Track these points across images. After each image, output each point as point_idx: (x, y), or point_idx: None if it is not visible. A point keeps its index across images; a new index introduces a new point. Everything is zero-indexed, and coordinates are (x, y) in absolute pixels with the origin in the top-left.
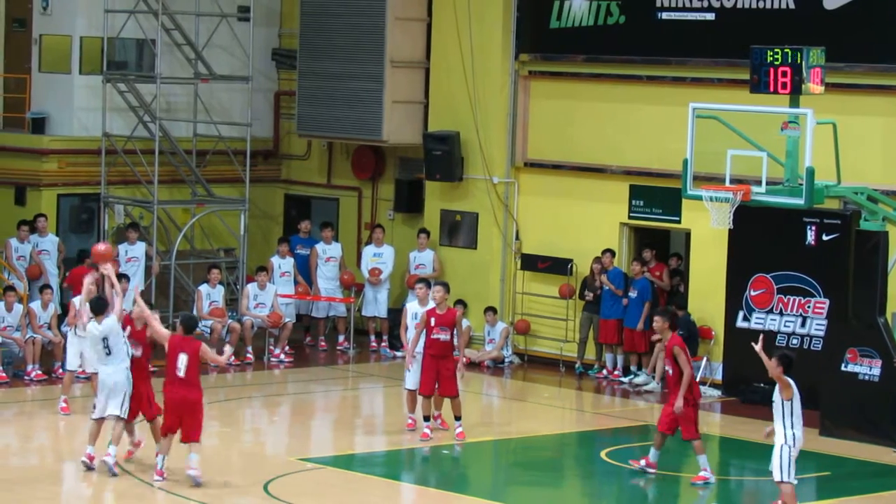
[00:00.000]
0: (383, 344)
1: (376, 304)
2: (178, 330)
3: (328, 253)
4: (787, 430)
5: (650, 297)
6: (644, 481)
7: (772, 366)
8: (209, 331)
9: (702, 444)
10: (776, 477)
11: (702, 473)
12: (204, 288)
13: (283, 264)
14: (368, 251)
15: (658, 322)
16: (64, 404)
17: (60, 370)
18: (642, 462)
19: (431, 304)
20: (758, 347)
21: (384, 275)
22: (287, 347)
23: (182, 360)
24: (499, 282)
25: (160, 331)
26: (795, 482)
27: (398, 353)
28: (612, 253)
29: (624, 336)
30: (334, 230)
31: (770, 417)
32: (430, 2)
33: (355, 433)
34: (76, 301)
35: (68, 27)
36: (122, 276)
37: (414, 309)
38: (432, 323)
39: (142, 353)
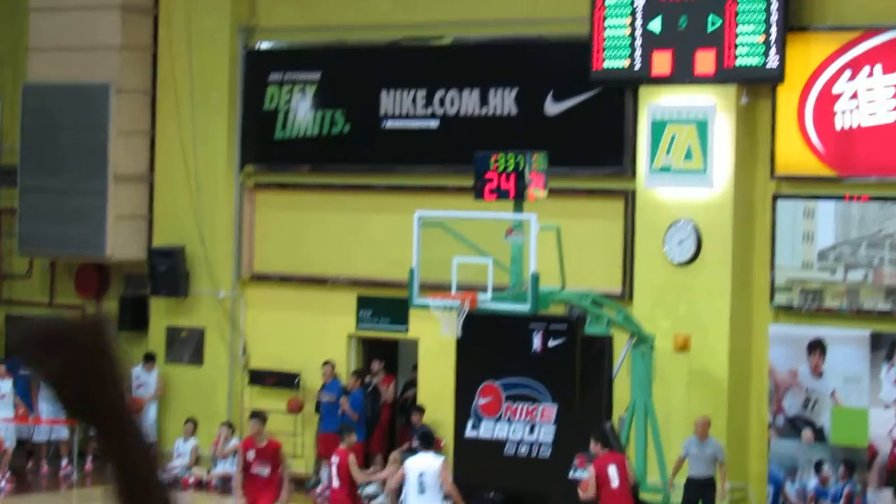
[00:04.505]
0: None
1: None
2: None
3: None
4: None
5: (360, 409)
6: None
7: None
8: None
9: None
10: None
11: None
12: None
13: (1, 386)
14: None
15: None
16: None
17: None
18: None
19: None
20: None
21: None
22: (7, 474)
23: (613, 471)
24: (226, 399)
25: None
26: None
27: None
28: (331, 365)
29: None
30: None
31: None
32: (154, 114)
33: None
34: None
35: None
36: None
37: None
38: (251, 457)
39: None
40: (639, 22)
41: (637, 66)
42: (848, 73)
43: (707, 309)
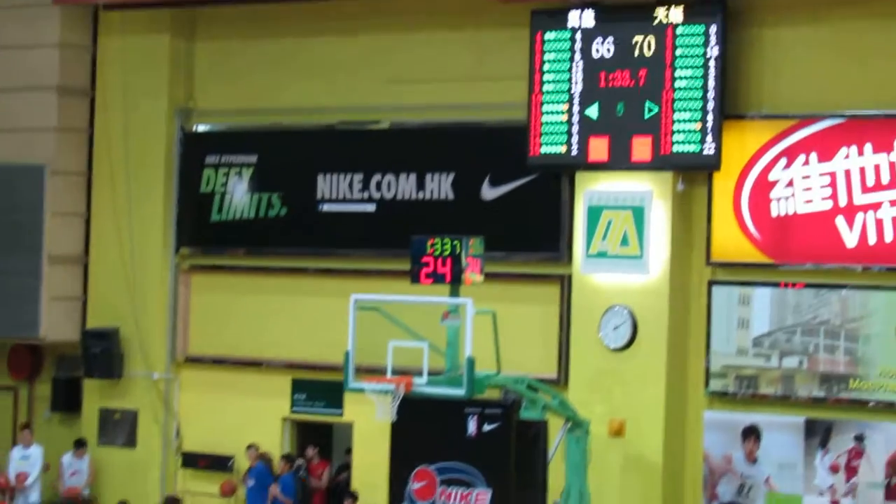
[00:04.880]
0: None
1: None
2: None
3: None
4: None
5: (292, 494)
6: None
7: None
8: None
9: None
10: None
11: None
12: None
13: None
14: (16, 453)
15: None
16: None
17: None
18: None
19: None
20: None
21: (30, 479)
22: None
23: None
24: (159, 481)
25: None
26: None
27: None
28: (255, 448)
29: None
30: None
31: None
32: (89, 196)
33: None
34: None
35: None
36: None
37: None
38: None
39: None
40: (576, 108)
41: (574, 152)
42: (783, 160)
43: (642, 394)
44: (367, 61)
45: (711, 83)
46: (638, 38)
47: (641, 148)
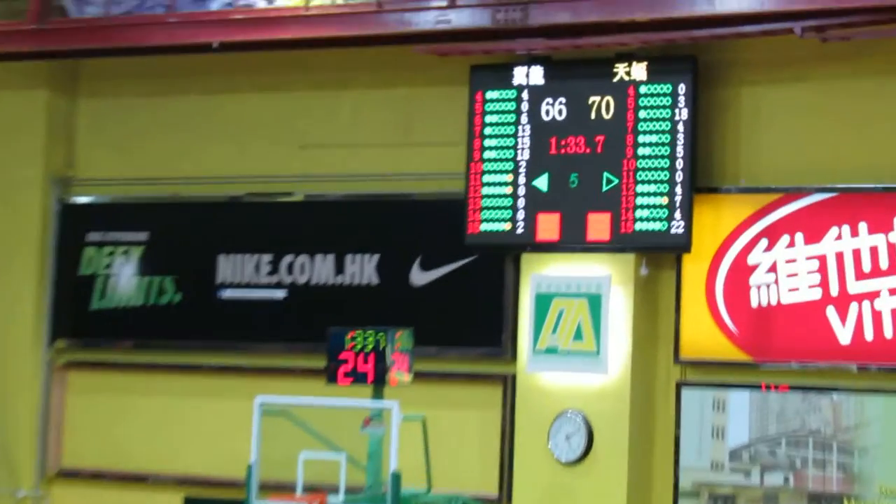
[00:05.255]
0: None
1: None
2: None
3: None
4: None
5: None
6: None
7: None
8: None
9: None
10: None
11: None
12: None
13: None
14: None
15: None
16: None
17: None
18: None
19: None
20: None
21: None
22: None
23: None
24: None
25: None
26: None
27: None
28: None
29: None
30: None
31: None
32: None
33: None
34: None
35: None
36: None
37: None
38: None
39: None
40: (522, 179)
41: (520, 230)
42: (764, 241)
43: None
44: (278, 123)
45: (680, 151)
46: (595, 99)
47: (598, 226)
